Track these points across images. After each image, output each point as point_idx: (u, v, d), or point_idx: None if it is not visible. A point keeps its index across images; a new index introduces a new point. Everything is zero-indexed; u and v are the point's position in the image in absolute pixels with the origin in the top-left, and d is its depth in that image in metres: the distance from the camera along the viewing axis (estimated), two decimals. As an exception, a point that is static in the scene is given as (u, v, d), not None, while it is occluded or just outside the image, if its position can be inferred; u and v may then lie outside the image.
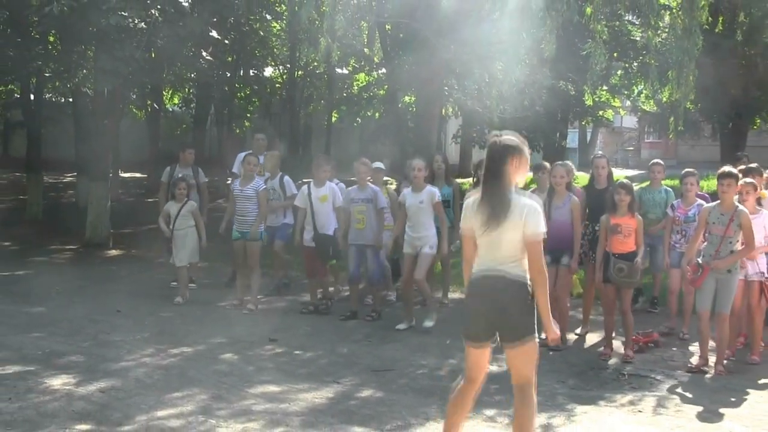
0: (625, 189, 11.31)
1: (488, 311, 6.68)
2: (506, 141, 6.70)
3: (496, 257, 6.66)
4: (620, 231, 11.22)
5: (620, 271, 11.28)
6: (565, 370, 10.72)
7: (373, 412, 8.79)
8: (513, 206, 6.56)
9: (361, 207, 13.54)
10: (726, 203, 10.75)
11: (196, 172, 16.23)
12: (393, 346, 11.76)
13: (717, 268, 10.63)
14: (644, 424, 8.68)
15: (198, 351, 11.41)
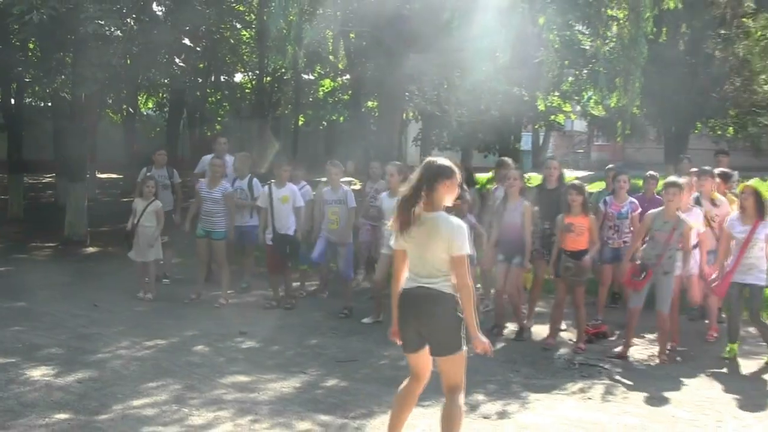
0: (577, 190, 11.37)
1: (418, 324, 6.72)
2: (441, 163, 6.77)
3: (426, 272, 6.69)
4: (573, 230, 11.30)
5: (567, 270, 11.40)
6: (518, 360, 10.77)
7: (338, 401, 8.81)
8: (442, 224, 6.61)
9: (335, 208, 13.55)
10: (670, 211, 10.84)
11: (170, 173, 16.17)
12: (357, 338, 11.77)
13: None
14: (593, 411, 8.73)
15: (171, 343, 11.37)
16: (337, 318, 13.13)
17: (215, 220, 14.12)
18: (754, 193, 10.80)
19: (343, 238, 13.57)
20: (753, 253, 10.78)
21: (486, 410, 8.56)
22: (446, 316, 6.62)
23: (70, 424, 7.83)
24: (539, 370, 10.40)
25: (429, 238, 6.61)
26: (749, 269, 10.82)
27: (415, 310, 6.70)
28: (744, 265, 10.82)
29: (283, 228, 13.84)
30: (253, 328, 12.23)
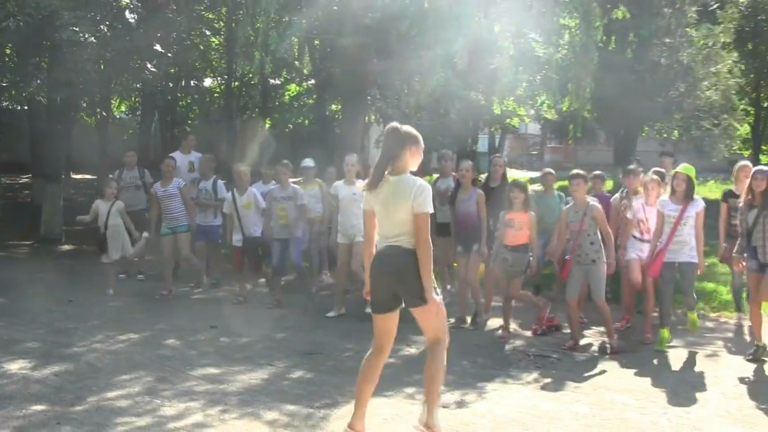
0: (519, 187, 11.53)
1: (389, 280, 6.83)
2: (406, 129, 6.97)
3: (393, 231, 6.82)
4: (513, 225, 11.38)
5: (505, 261, 11.51)
6: (475, 351, 10.79)
7: (304, 392, 8.80)
8: (407, 186, 6.75)
9: (283, 205, 13.55)
10: (578, 201, 11.05)
11: (141, 173, 16.16)
12: (322, 331, 11.76)
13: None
14: (546, 400, 8.76)
15: (144, 337, 11.33)
16: (303, 312, 13.10)
17: (176, 215, 14.17)
18: (687, 178, 10.97)
19: (291, 234, 13.57)
20: (684, 230, 10.90)
21: (444, 399, 8.54)
22: (414, 269, 6.72)
23: (46, 415, 7.77)
24: (495, 361, 10.44)
25: (395, 198, 6.76)
26: (681, 247, 10.93)
27: (387, 268, 6.83)
28: (676, 243, 10.93)
29: (250, 231, 13.87)
30: (222, 323, 12.22)
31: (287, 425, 7.70)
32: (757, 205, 10.40)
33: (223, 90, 35.03)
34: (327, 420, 7.86)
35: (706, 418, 8.21)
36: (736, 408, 8.59)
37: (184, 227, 14.22)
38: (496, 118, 34.79)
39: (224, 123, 33.11)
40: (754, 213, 10.43)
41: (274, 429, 7.58)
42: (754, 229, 10.42)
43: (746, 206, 10.59)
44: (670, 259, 11.01)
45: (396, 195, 6.76)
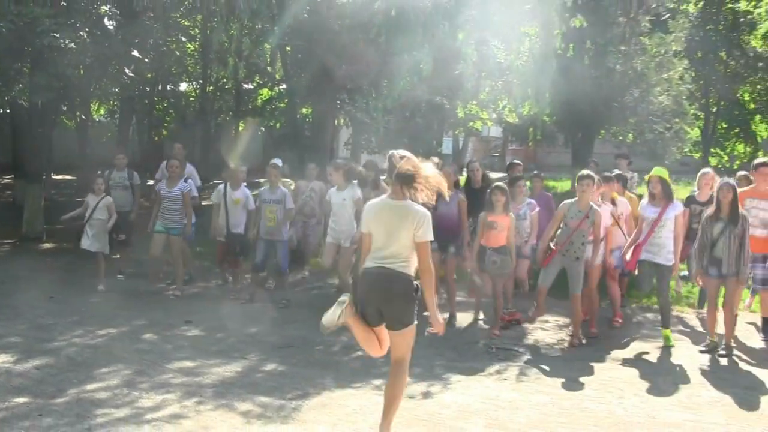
0: (501, 191, 11.52)
1: (378, 301, 6.78)
2: (404, 155, 6.89)
3: (389, 254, 6.77)
4: (495, 227, 11.38)
5: (494, 264, 11.50)
6: (441, 345, 10.76)
7: (276, 384, 8.79)
8: (410, 213, 6.73)
9: (272, 207, 13.41)
10: (583, 201, 10.97)
11: (130, 174, 16.02)
12: (294, 326, 11.73)
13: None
14: (509, 390, 8.78)
15: (122, 332, 11.26)
16: (276, 308, 13.06)
17: (174, 217, 14.05)
18: (661, 180, 10.98)
19: (279, 236, 13.49)
20: (663, 233, 10.91)
21: (411, 391, 8.55)
22: (403, 295, 6.73)
23: (28, 407, 7.75)
24: (460, 354, 10.45)
25: (396, 222, 6.74)
26: (660, 249, 10.94)
27: (377, 288, 6.78)
28: (655, 244, 10.94)
29: (235, 227, 13.85)
30: (197, 318, 12.15)
31: (260, 416, 7.69)
32: (723, 217, 10.42)
33: (199, 94, 34.95)
34: (299, 410, 7.86)
35: (659, 406, 8.27)
36: (687, 396, 8.67)
37: (177, 231, 14.14)
38: (460, 121, 34.85)
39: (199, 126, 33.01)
40: (719, 225, 10.45)
41: (247, 420, 7.56)
42: (719, 240, 10.46)
43: (713, 218, 10.57)
44: (649, 258, 11.05)
45: (398, 220, 6.75)
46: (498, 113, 36.68)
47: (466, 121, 36.48)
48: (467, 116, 35.29)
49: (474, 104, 33.05)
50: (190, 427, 7.33)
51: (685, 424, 7.68)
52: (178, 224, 14.08)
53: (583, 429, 7.48)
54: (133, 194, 15.80)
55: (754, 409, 8.19)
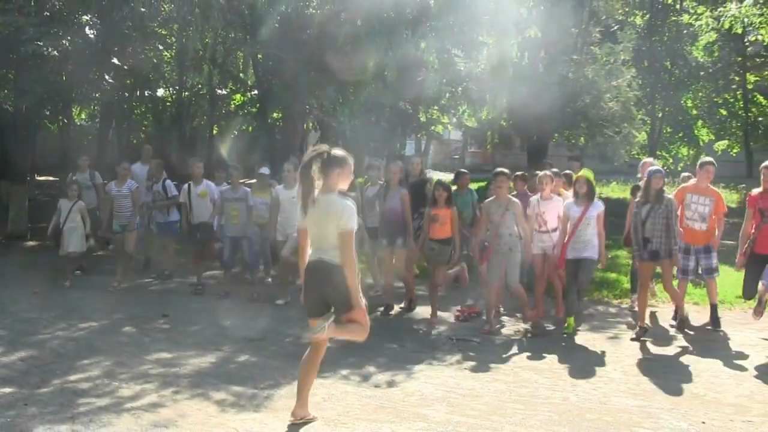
0: (443, 186, 11.66)
1: (320, 291, 6.80)
2: (333, 153, 6.85)
3: (323, 246, 6.79)
4: (438, 219, 11.45)
5: (431, 251, 11.65)
6: (403, 336, 10.80)
7: (249, 374, 8.77)
8: (334, 206, 6.70)
9: (235, 205, 13.41)
10: (501, 197, 11.13)
11: (92, 175, 16.14)
12: (265, 319, 11.69)
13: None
14: (468, 379, 8.80)
15: (103, 325, 11.20)
16: (249, 302, 13.02)
17: (126, 214, 14.15)
18: (587, 181, 11.08)
19: (243, 232, 13.46)
20: (587, 231, 10.99)
21: (376, 380, 8.58)
22: (342, 283, 6.69)
23: (14, 396, 7.72)
24: (422, 344, 10.45)
25: (324, 216, 6.72)
26: (584, 246, 11.00)
27: (317, 279, 6.79)
28: (580, 242, 11.00)
29: (199, 217, 13.91)
30: (173, 311, 12.10)
31: (234, 404, 7.67)
32: (651, 201, 10.55)
33: (175, 99, 34.82)
34: (270, 399, 7.85)
35: (610, 393, 8.32)
36: (635, 383, 8.73)
37: (131, 226, 14.12)
38: (422, 125, 34.88)
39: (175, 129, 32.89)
40: (647, 207, 10.58)
41: (222, 408, 7.55)
42: (647, 221, 10.57)
43: (641, 201, 10.74)
44: (574, 256, 11.12)
45: (325, 214, 6.72)
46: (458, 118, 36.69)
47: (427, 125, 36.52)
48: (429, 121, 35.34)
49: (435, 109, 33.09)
50: (168, 415, 7.30)
51: (634, 410, 7.72)
52: (131, 221, 14.14)
53: (539, 415, 7.51)
54: (97, 193, 15.83)
55: (697, 395, 8.25)
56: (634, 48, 29.92)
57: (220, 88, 32.26)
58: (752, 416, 7.59)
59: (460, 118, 36.37)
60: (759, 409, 7.84)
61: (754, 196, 10.91)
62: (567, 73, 25.11)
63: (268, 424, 7.12)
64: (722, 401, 8.07)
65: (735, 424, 7.33)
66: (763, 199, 10.49)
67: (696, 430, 7.18)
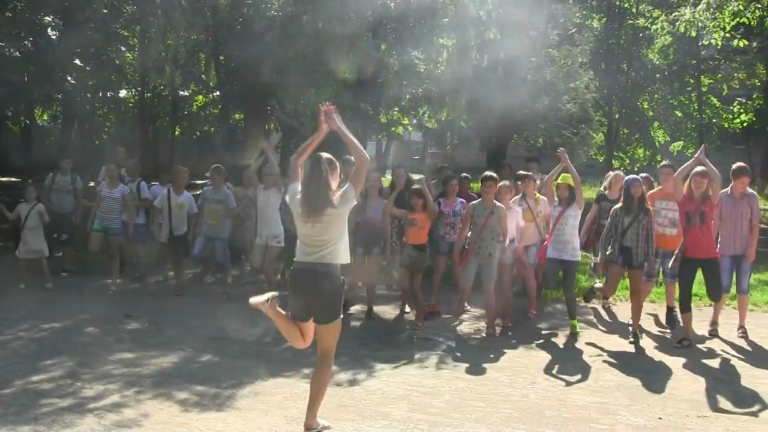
0: (418, 194, 11.63)
1: (306, 296, 6.74)
2: (326, 156, 6.86)
3: (315, 249, 6.69)
4: (416, 224, 11.48)
5: (410, 258, 11.60)
6: (366, 336, 10.86)
7: (212, 374, 8.77)
8: (329, 203, 6.61)
9: (215, 206, 13.37)
10: (487, 200, 11.15)
11: (74, 179, 15.72)
12: (229, 319, 11.63)
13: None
14: (429, 377, 8.85)
15: (65, 326, 11.12)
16: (214, 302, 12.99)
17: (112, 217, 13.91)
18: (568, 186, 11.17)
19: (218, 233, 13.43)
20: (566, 230, 11.09)
21: (339, 379, 8.60)
22: (330, 290, 6.67)
23: (-24, 397, 7.64)
24: (384, 344, 10.50)
25: (319, 218, 6.62)
26: (565, 245, 11.11)
27: (305, 284, 6.73)
28: (560, 241, 11.12)
29: (177, 230, 13.72)
30: (137, 312, 12.05)
31: (197, 404, 7.67)
32: (633, 209, 10.61)
33: (137, 100, 34.62)
34: (233, 399, 7.86)
35: (568, 390, 8.41)
36: (593, 380, 8.84)
37: (116, 230, 13.97)
38: (383, 126, 34.86)
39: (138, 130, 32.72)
40: (629, 217, 10.63)
41: (185, 407, 7.54)
42: (629, 230, 10.62)
43: (623, 210, 10.76)
44: (555, 256, 11.21)
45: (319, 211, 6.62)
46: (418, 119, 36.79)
47: (388, 126, 36.55)
48: (389, 122, 35.36)
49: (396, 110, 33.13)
50: (131, 415, 7.28)
51: (592, 406, 7.80)
52: (116, 224, 13.95)
53: (499, 412, 7.56)
54: (75, 197, 15.59)
55: (654, 392, 8.36)
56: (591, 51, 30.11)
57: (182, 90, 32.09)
58: (707, 411, 7.72)
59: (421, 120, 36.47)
60: (713, 404, 7.98)
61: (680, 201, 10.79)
62: (525, 75, 25.23)
63: (230, 423, 7.12)
64: (678, 397, 8.18)
65: (691, 420, 7.44)
66: (690, 203, 10.46)
67: (653, 425, 7.27)
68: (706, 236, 10.22)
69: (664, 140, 36.11)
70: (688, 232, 10.31)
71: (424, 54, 21.84)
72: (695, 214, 10.18)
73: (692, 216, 10.23)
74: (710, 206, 10.20)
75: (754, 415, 7.67)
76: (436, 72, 21.97)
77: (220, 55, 22.88)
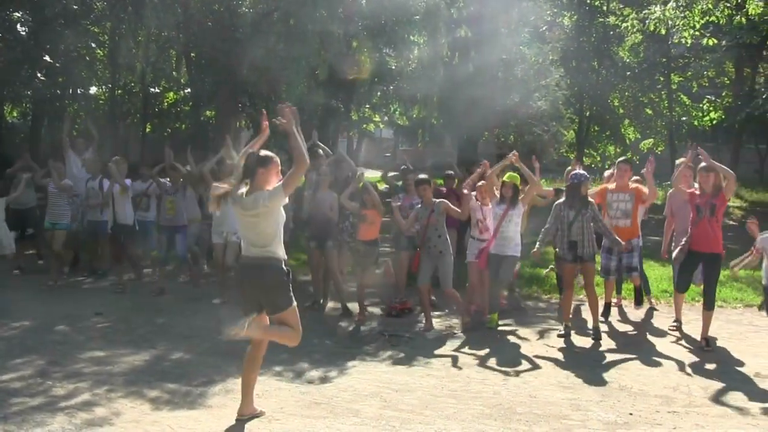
0: (368, 192, 11.61)
1: (253, 289, 6.81)
2: (258, 154, 6.92)
3: (257, 242, 6.75)
4: (366, 220, 11.55)
5: (357, 252, 11.76)
6: (337, 333, 10.88)
7: (183, 372, 8.74)
8: (260, 198, 6.66)
9: (172, 197, 13.41)
10: (426, 201, 11.26)
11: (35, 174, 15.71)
12: (199, 317, 11.63)
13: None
14: (400, 374, 8.85)
15: (35, 324, 11.02)
16: (183, 299, 12.97)
17: (59, 212, 13.95)
18: (514, 185, 11.27)
19: (178, 222, 13.50)
20: (510, 228, 11.19)
21: (310, 376, 8.61)
22: (276, 282, 6.72)
23: (-56, 398, 7.59)
24: (355, 341, 10.51)
25: (254, 212, 6.67)
26: (508, 242, 11.20)
27: (251, 278, 6.78)
28: (504, 238, 11.20)
29: (121, 218, 13.72)
30: (107, 309, 11.98)
31: (168, 402, 7.64)
32: (576, 204, 10.66)
33: (108, 97, 34.43)
34: (204, 396, 7.83)
35: (539, 386, 8.44)
36: (564, 376, 8.87)
37: (63, 225, 13.96)
38: (354, 123, 34.92)
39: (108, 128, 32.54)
40: (573, 211, 10.69)
41: (156, 406, 7.51)
42: (574, 224, 10.69)
43: (567, 205, 10.80)
44: (497, 251, 11.27)
45: (254, 208, 6.67)
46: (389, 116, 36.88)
47: (359, 124, 36.62)
48: (361, 119, 35.45)
49: (367, 108, 33.19)
50: (102, 413, 7.25)
51: (563, 403, 7.85)
52: (63, 219, 13.99)
53: (470, 409, 7.59)
54: (37, 191, 15.56)
55: (625, 388, 8.40)
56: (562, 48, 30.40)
57: (152, 87, 31.93)
58: (677, 407, 7.77)
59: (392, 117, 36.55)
60: (683, 399, 8.03)
61: (692, 193, 10.84)
62: (497, 73, 25.36)
63: (202, 421, 7.11)
64: (648, 393, 8.24)
65: (661, 415, 7.50)
66: (701, 197, 10.53)
67: (624, 421, 7.32)
68: (715, 229, 10.27)
69: (634, 137, 36.37)
70: (697, 224, 10.36)
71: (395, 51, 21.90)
72: (706, 207, 10.25)
73: (702, 209, 10.30)
74: (722, 200, 10.25)
75: (724, 410, 7.74)
76: (408, 69, 22.04)
77: (191, 52, 22.84)
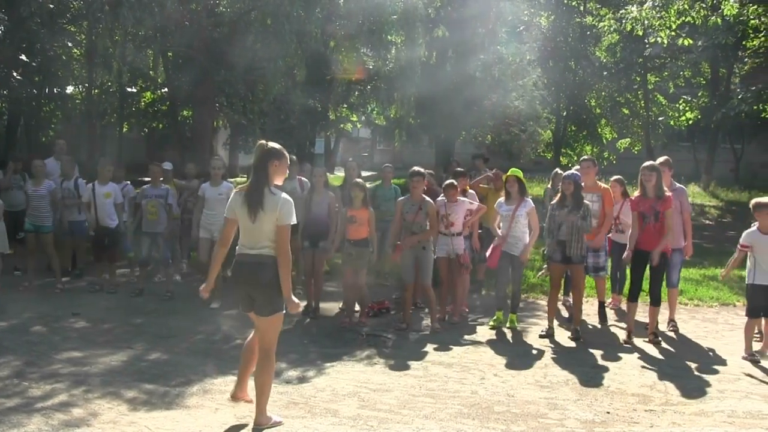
0: (359, 187, 11.52)
1: (248, 286, 6.77)
2: (270, 146, 6.81)
3: (256, 241, 6.70)
4: (354, 221, 11.45)
5: (349, 256, 11.56)
6: (315, 333, 10.87)
7: (161, 372, 8.71)
8: (272, 199, 6.63)
9: (154, 202, 13.35)
10: (415, 196, 11.26)
11: (23, 177, 15.59)
12: (177, 317, 11.62)
13: (408, 246, 11.15)
14: (379, 374, 8.87)
15: (12, 325, 10.98)
16: (161, 300, 12.94)
17: (42, 215, 13.81)
18: (518, 180, 11.28)
19: (159, 228, 13.43)
20: (518, 228, 11.23)
21: (288, 376, 8.60)
22: (272, 281, 6.66)
23: None
24: (333, 341, 10.50)
25: (261, 210, 6.62)
26: (517, 241, 11.24)
27: (247, 275, 6.74)
28: (512, 237, 11.24)
29: (103, 221, 13.65)
30: (84, 310, 11.94)
31: (146, 402, 7.62)
32: (567, 205, 10.71)
33: (84, 97, 34.29)
34: (182, 397, 7.81)
35: (517, 385, 8.48)
36: (542, 376, 8.92)
37: (47, 228, 13.87)
38: (332, 123, 34.97)
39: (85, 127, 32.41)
40: (564, 212, 10.74)
41: (134, 406, 7.49)
42: (563, 224, 10.73)
43: (558, 206, 10.88)
44: (508, 250, 11.31)
45: (262, 207, 6.63)
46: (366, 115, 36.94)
47: (337, 123, 36.67)
48: (338, 118, 35.46)
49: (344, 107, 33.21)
50: (79, 414, 7.23)
51: (541, 402, 7.89)
52: (47, 222, 13.88)
53: (448, 408, 7.61)
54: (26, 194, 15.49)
55: (602, 386, 8.46)
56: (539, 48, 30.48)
57: (129, 86, 31.84)
58: (654, 405, 7.83)
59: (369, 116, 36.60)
60: (660, 398, 8.09)
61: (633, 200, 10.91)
62: (474, 73, 25.41)
63: (180, 421, 7.09)
64: (626, 391, 8.30)
65: (638, 413, 7.55)
66: (643, 203, 10.55)
67: (601, 419, 7.37)
68: (661, 233, 10.33)
69: (611, 137, 36.58)
70: (643, 230, 10.42)
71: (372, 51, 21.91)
72: (650, 213, 10.31)
73: (647, 215, 10.35)
74: (665, 204, 10.30)
75: (700, 408, 7.80)
76: (385, 69, 22.05)
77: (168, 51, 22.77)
